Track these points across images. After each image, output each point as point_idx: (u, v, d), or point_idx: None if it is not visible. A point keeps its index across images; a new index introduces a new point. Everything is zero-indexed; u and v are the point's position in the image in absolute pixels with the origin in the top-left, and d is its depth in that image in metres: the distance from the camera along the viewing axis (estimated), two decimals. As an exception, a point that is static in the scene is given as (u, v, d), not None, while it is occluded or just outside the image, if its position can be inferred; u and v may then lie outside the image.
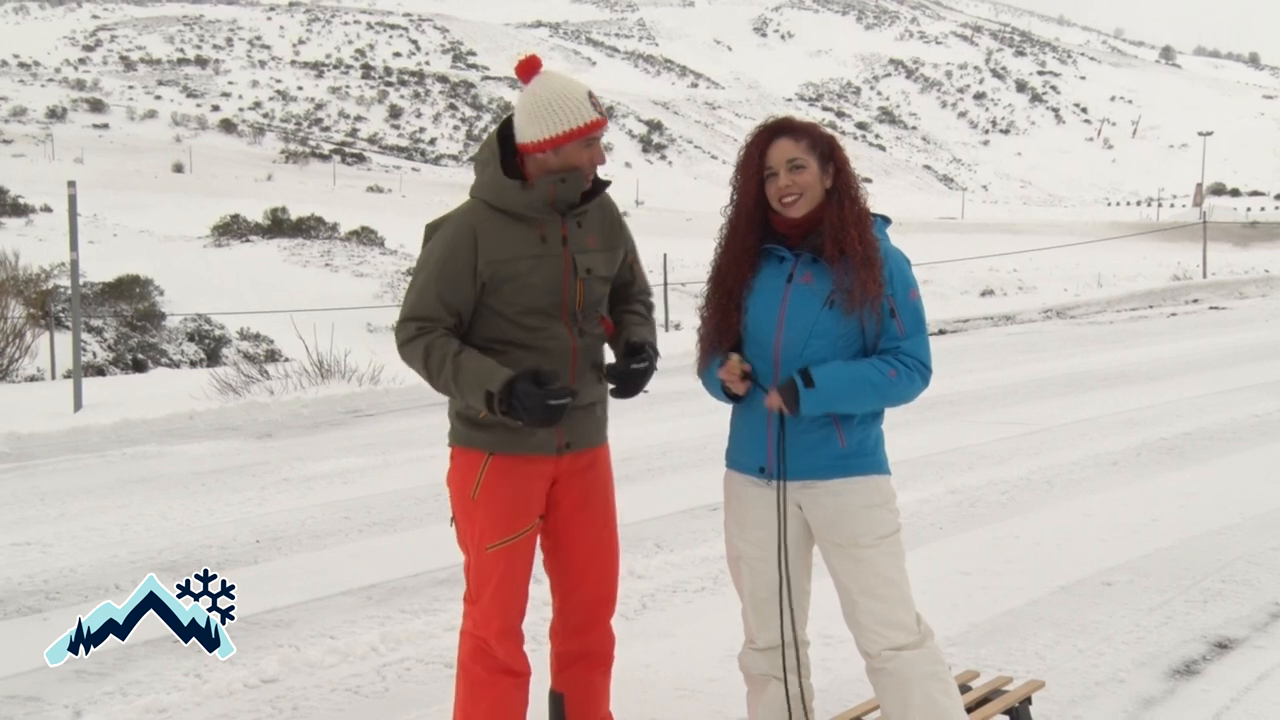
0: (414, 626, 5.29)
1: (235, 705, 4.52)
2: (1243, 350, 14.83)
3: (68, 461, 9.62)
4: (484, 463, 3.47)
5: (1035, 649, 4.93)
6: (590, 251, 3.51)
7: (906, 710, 3.27)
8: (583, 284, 3.49)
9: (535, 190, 3.39)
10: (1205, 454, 8.73)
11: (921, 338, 3.31)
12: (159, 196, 75.18)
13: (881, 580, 3.28)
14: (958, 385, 12.23)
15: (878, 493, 3.32)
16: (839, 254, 3.25)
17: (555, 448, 3.49)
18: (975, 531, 6.78)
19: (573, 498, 3.58)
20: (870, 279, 3.23)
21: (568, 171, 3.39)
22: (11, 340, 18.85)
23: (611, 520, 3.69)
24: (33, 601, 5.91)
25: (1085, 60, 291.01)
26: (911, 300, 3.31)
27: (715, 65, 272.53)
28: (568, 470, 3.55)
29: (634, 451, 8.83)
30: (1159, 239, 49.51)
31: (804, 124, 3.40)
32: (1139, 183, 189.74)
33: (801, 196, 3.30)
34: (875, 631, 3.30)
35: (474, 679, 3.54)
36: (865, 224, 3.30)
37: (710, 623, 4.97)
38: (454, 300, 3.40)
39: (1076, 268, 39.77)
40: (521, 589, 3.56)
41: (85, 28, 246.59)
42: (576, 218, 3.49)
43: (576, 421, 3.49)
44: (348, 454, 9.44)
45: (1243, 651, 4.91)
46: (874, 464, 3.33)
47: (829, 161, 3.33)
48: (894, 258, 3.33)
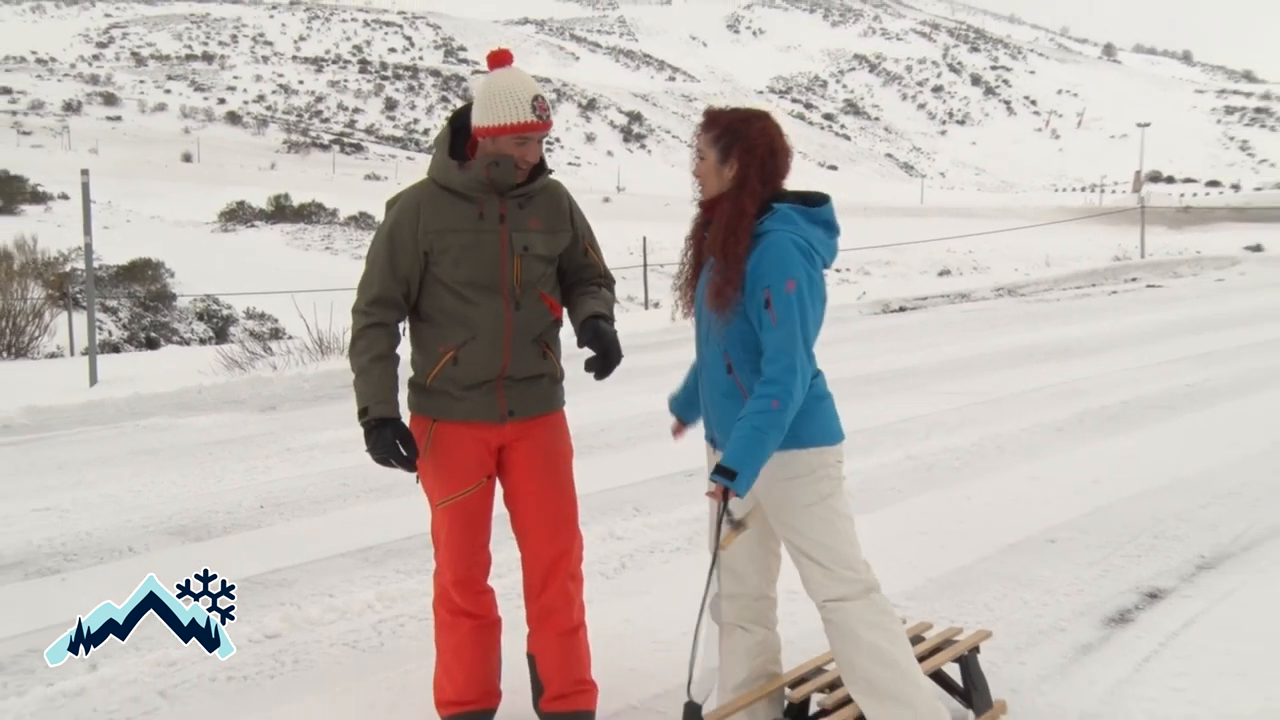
0: (408, 585, 5.29)
1: (240, 659, 4.51)
2: (1176, 325, 14.90)
3: (84, 433, 9.58)
4: (429, 428, 3.58)
5: (985, 601, 4.97)
6: (530, 231, 3.55)
7: (855, 656, 3.29)
8: (520, 260, 3.53)
9: (471, 171, 3.48)
10: (1141, 421, 8.78)
11: (787, 331, 3.11)
12: (169, 185, 74.62)
13: (812, 544, 3.28)
14: (916, 359, 12.28)
15: (797, 465, 3.26)
16: (713, 255, 3.26)
17: (498, 416, 3.56)
18: (931, 494, 6.81)
19: (522, 462, 3.63)
20: (727, 283, 3.17)
21: (500, 157, 3.45)
22: (32, 319, 18.79)
23: (561, 482, 3.68)
24: (52, 563, 5.89)
25: (1034, 56, 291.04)
26: (787, 292, 3.11)
27: (691, 60, 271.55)
28: (513, 436, 3.60)
29: (614, 421, 8.85)
30: (1101, 222, 49.69)
31: (726, 115, 3.32)
32: (1083, 170, 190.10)
33: (704, 184, 3.32)
34: (816, 585, 3.32)
35: (439, 619, 3.74)
36: (736, 229, 3.19)
37: (685, 580, 4.97)
38: (401, 267, 3.51)
39: (1026, 249, 39.93)
40: (473, 542, 3.64)
41: (99, 25, 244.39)
42: (517, 199, 3.54)
43: (519, 392, 3.58)
44: (346, 425, 9.37)
45: (1171, 601, 4.96)
46: (790, 440, 3.21)
47: (730, 154, 3.24)
48: (775, 247, 3.15)
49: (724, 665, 3.56)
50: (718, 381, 3.31)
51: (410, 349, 3.65)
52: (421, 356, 3.59)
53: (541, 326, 3.60)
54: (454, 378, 3.52)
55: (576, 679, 3.72)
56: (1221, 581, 5.18)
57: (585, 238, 3.74)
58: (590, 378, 3.58)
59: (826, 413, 3.35)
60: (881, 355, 12.42)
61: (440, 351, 3.53)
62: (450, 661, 3.71)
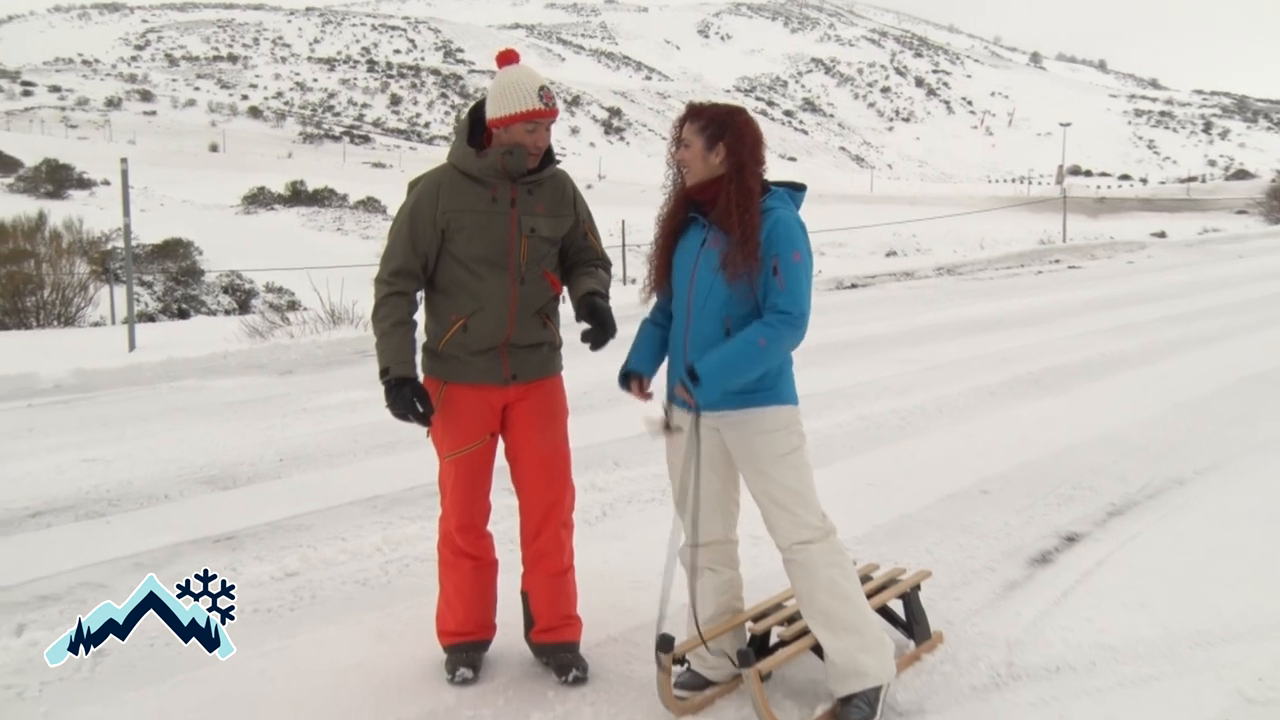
0: (411, 530, 5.28)
1: (264, 593, 4.52)
2: (1093, 302, 14.99)
3: (124, 393, 9.50)
4: (440, 389, 3.55)
5: (925, 545, 4.99)
6: (537, 215, 3.54)
7: (814, 592, 3.30)
8: (526, 240, 3.51)
9: (487, 158, 3.46)
10: (1063, 386, 8.83)
11: (797, 292, 3.17)
12: (198, 172, 73.73)
13: (783, 490, 3.29)
14: (866, 330, 12.30)
15: (776, 420, 3.29)
16: (727, 230, 3.23)
17: (503, 379, 3.55)
18: (879, 450, 6.83)
19: (522, 420, 3.61)
20: (746, 254, 3.17)
21: (514, 146, 3.43)
22: (78, 292, 18.64)
23: (556, 439, 3.67)
24: (98, 507, 5.86)
25: (970, 62, 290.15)
26: (795, 261, 3.18)
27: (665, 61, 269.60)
28: (516, 397, 3.59)
29: (597, 385, 8.77)
30: (1029, 210, 49.80)
31: (709, 108, 3.33)
32: (1013, 164, 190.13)
33: (689, 170, 3.30)
34: (784, 530, 3.32)
35: (442, 559, 3.72)
36: (747, 204, 3.20)
37: (659, 527, 4.96)
38: (420, 242, 3.49)
39: (963, 233, 40.03)
40: (476, 492, 3.63)
41: (137, 30, 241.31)
42: (527, 186, 3.52)
43: (522, 358, 3.57)
44: (355, 387, 9.36)
45: (1085, 543, 5.01)
46: (772, 397, 3.28)
47: (717, 143, 3.24)
48: (783, 224, 3.21)
49: (693, 603, 3.57)
50: (714, 342, 3.27)
51: (425, 317, 3.63)
52: (435, 324, 3.58)
53: (543, 300, 3.58)
54: (463, 344, 3.51)
55: (564, 614, 3.73)
56: (1128, 526, 5.24)
57: (586, 223, 3.73)
58: (585, 348, 3.57)
59: (793, 378, 3.38)
60: (836, 327, 12.43)
61: (452, 320, 3.52)
62: (452, 597, 3.70)
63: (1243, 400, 8.16)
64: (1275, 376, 9.10)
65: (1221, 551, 4.82)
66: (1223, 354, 10.30)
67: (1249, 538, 5.01)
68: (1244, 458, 6.49)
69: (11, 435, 7.75)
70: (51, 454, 7.08)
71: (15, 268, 17.66)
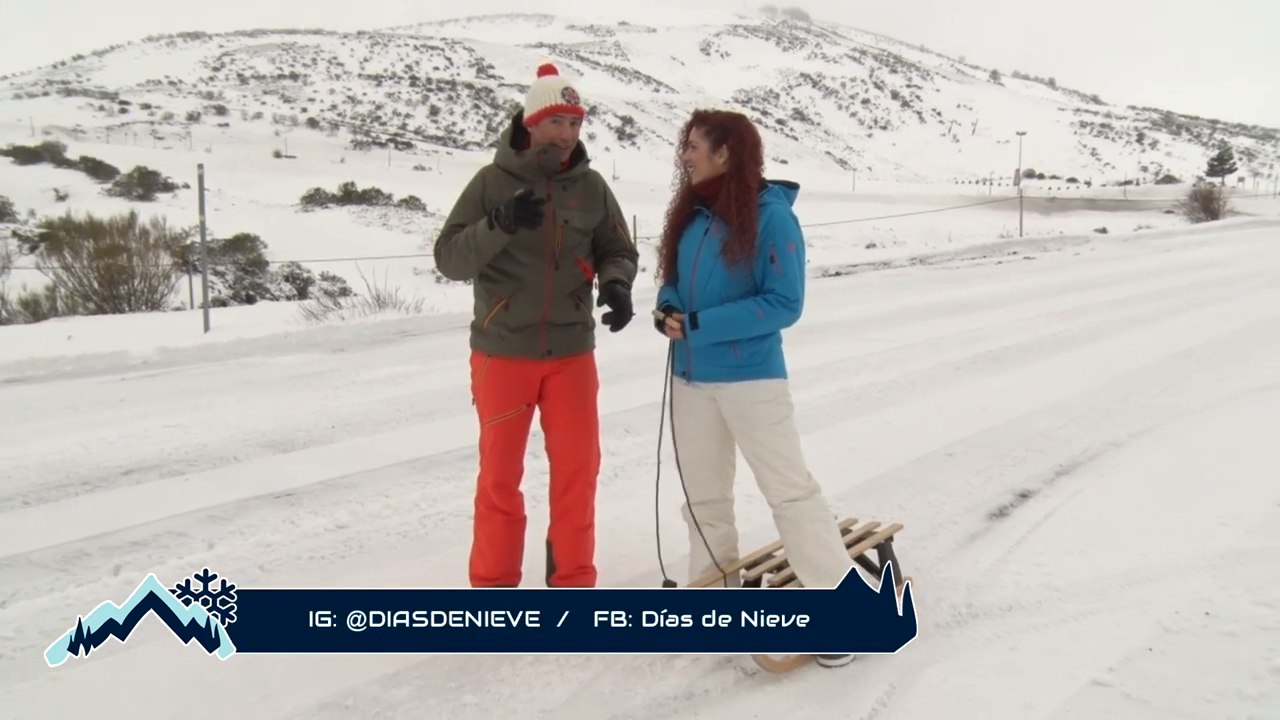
0: (446, 489, 5.28)
1: (318, 543, 4.54)
2: (1045, 288, 14.90)
3: (200, 368, 9.52)
4: (484, 363, 3.53)
5: (898, 502, 4.98)
6: (570, 209, 3.51)
7: (801, 544, 3.29)
8: (561, 231, 3.48)
9: (525, 157, 3.44)
10: (1019, 361, 8.79)
11: (793, 279, 3.18)
12: (263, 175, 73.60)
13: (773, 453, 3.27)
14: (848, 313, 12.24)
15: (767, 391, 3.27)
16: (728, 220, 3.20)
17: (539, 353, 3.52)
18: (859, 419, 6.80)
19: (557, 392, 3.58)
20: (744, 242, 3.15)
21: (548, 145, 3.41)
22: (162, 280, 18.69)
23: (586, 409, 3.64)
24: (178, 467, 5.88)
25: (939, 77, 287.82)
26: (789, 251, 3.17)
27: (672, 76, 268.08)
28: (551, 370, 3.56)
29: (612, 361, 8.78)
30: (990, 208, 49.47)
31: (713, 115, 3.30)
32: (977, 167, 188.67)
33: (695, 169, 3.26)
34: (774, 489, 3.30)
35: (478, 513, 3.68)
36: (746, 200, 3.18)
37: (665, 488, 4.98)
38: (472, 216, 3.49)
39: (933, 228, 39.76)
40: (512, 455, 3.59)
41: (214, 54, 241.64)
42: (562, 182, 3.49)
43: (557, 335, 3.53)
44: (398, 363, 9.37)
45: (1036, 500, 4.99)
46: (764, 370, 3.27)
47: (721, 145, 3.22)
48: (779, 218, 3.20)
49: (693, 553, 3.57)
50: None
51: (474, 299, 3.62)
52: (482, 304, 3.56)
53: (576, 284, 3.56)
54: (505, 322, 3.49)
55: (581, 564, 3.74)
56: (1072, 484, 5.22)
57: (615, 217, 3.69)
58: (607, 329, 3.54)
59: (782, 355, 3.36)
60: (821, 310, 12.38)
61: (495, 300, 3.50)
62: (484, 546, 3.69)
63: (1169, 374, 8.12)
64: (1198, 353, 9.05)
65: (1148, 505, 4.82)
66: (1155, 334, 10.24)
67: (1171, 493, 5.01)
68: (1169, 423, 6.46)
69: (107, 405, 7.78)
70: (140, 421, 7.11)
71: (111, 260, 17.75)
